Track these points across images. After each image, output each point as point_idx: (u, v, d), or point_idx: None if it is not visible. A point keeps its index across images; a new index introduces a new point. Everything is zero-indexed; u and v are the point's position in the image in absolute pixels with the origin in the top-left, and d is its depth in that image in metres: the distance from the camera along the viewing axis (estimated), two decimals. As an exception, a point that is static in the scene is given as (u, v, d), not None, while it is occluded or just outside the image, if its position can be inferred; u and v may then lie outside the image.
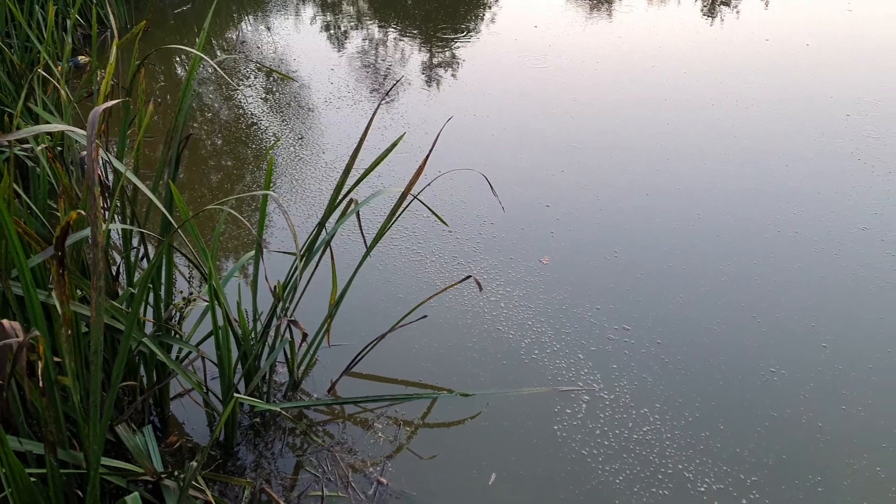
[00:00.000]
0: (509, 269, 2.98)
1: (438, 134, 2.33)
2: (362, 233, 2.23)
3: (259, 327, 2.15)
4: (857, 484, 2.10)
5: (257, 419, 2.19)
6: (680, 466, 2.14)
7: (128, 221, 2.11)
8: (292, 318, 1.95)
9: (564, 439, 2.21)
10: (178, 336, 2.06)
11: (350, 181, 2.17)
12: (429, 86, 4.87)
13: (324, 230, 2.17)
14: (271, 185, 3.52)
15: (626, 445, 2.20)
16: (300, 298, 2.26)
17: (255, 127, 4.12)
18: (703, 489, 2.06)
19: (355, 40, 5.75)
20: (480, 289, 2.46)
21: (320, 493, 1.97)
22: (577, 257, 3.10)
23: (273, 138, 3.96)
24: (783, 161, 3.97)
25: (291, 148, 3.88)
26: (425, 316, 2.46)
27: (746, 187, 3.70)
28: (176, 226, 1.66)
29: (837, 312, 2.82)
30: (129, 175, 1.66)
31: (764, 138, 4.24)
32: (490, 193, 3.32)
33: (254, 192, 1.97)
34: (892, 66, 5.56)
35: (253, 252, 2.27)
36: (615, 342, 2.62)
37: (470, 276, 2.47)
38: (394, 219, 2.21)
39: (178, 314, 2.12)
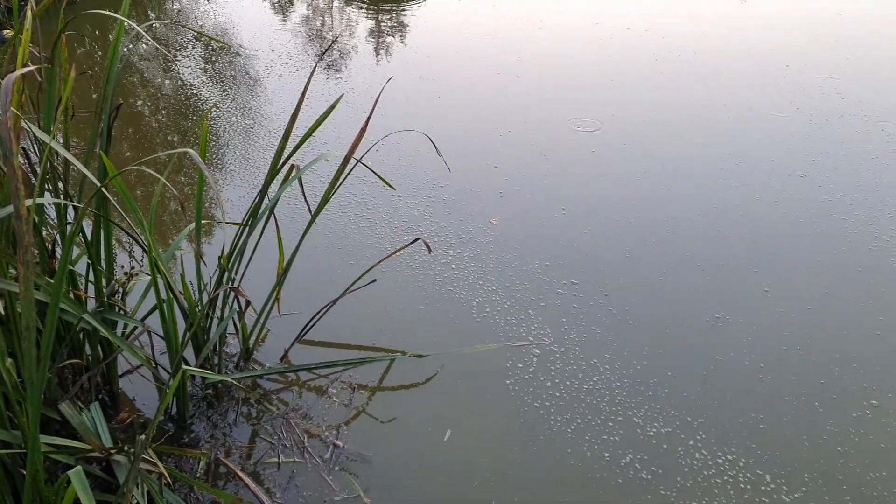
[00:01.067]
0: (459, 230, 2.99)
1: (379, 94, 2.30)
2: (305, 199, 2.20)
3: (206, 299, 2.12)
4: (797, 419, 2.19)
5: (210, 391, 2.17)
6: (629, 413, 2.20)
7: (61, 196, 2.03)
8: (234, 286, 1.92)
9: (517, 393, 2.25)
10: (121, 311, 2.01)
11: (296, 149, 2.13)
12: (376, 52, 4.79)
13: (266, 197, 2.13)
14: (208, 155, 3.44)
15: (576, 396, 2.25)
16: (246, 268, 2.23)
17: (196, 98, 4.00)
18: (651, 433, 2.13)
19: (299, 9, 5.60)
20: (430, 250, 2.46)
21: (276, 460, 1.97)
22: (525, 216, 3.12)
23: (213, 109, 3.84)
24: (725, 114, 4.05)
25: (234, 118, 3.78)
26: (375, 280, 2.46)
27: (691, 141, 3.77)
28: (102, 188, 1.61)
29: (778, 258, 2.91)
30: (54, 145, 1.59)
31: (707, 94, 4.31)
32: (439, 157, 3.31)
33: (174, 151, 1.91)
34: (826, 17, 5.68)
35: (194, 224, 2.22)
36: (564, 296, 2.66)
37: (419, 239, 2.47)
38: (338, 184, 2.18)
39: (121, 290, 2.07)
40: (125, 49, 4.61)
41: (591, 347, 2.44)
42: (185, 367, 1.84)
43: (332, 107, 2.08)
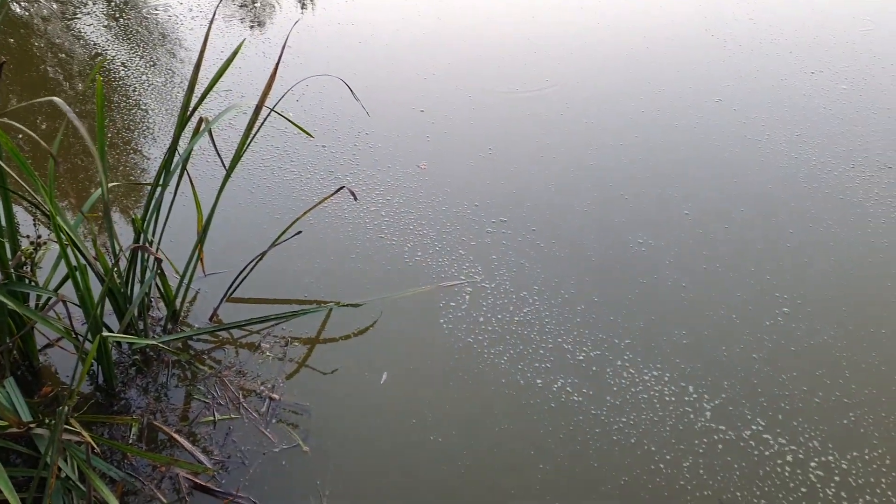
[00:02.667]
0: (388, 177, 2.94)
1: (287, 37, 2.19)
2: (217, 152, 2.10)
3: (123, 264, 2.02)
4: (716, 333, 2.28)
5: (137, 357, 2.10)
6: (559, 340, 2.25)
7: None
8: (141, 245, 1.84)
9: (451, 330, 2.26)
10: (32, 283, 1.90)
11: (213, 104, 2.01)
12: (297, 1, 4.57)
13: (177, 153, 2.03)
14: (120, 115, 3.25)
15: (508, 328, 2.28)
16: (164, 229, 2.14)
17: (101, 58, 3.75)
18: (581, 357, 2.19)
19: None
20: (355, 198, 2.41)
21: (212, 419, 1.93)
22: (453, 158, 3.08)
23: (122, 68, 3.61)
24: (644, 44, 4.06)
25: (145, 76, 3.57)
26: (300, 232, 2.40)
27: (611, 75, 3.77)
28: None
29: (697, 180, 2.98)
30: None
31: (626, 27, 4.31)
32: (363, 104, 3.21)
33: (38, 100, 1.79)
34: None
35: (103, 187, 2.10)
36: (493, 234, 2.66)
37: (343, 187, 2.41)
38: (252, 135, 2.09)
39: (28, 261, 1.95)
40: (20, 9, 4.27)
41: (520, 281, 2.46)
42: (104, 333, 1.77)
43: (234, 54, 1.97)
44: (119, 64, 3.66)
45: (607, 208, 2.82)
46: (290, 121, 2.27)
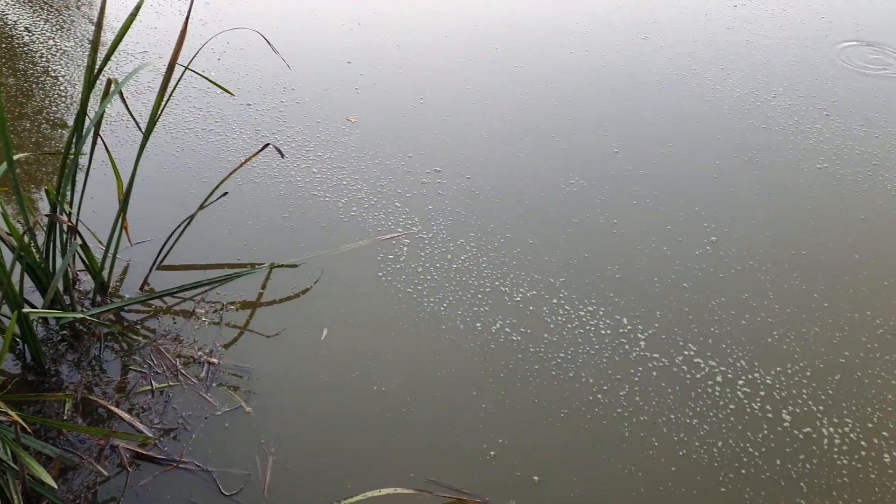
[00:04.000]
0: (317, 132, 2.86)
1: (194, -8, 2.08)
2: (131, 114, 2.01)
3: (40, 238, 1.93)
4: (648, 265, 2.34)
5: (66, 331, 2.03)
6: (497, 283, 2.27)
7: None
8: (54, 214, 1.75)
9: (390, 283, 2.25)
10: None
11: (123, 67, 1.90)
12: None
13: (87, 118, 1.92)
14: (24, 83, 3.06)
15: (447, 276, 2.28)
16: (81, 199, 2.04)
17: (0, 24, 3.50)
18: (518, 298, 2.22)
19: None
20: (282, 155, 2.34)
21: (150, 388, 1.90)
22: (384, 110, 3.02)
23: (26, 33, 3.38)
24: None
25: (51, 41, 3.35)
26: (226, 193, 2.32)
27: (540, 19, 3.73)
28: None
29: (625, 118, 3.01)
30: None
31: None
32: (287, 60, 3.10)
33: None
34: None
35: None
36: (429, 185, 2.64)
37: (269, 145, 2.34)
38: (168, 95, 1.99)
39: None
40: None
41: (457, 229, 2.46)
42: (24, 310, 1.70)
43: (137, 8, 1.86)
44: (22, 29, 3.42)
45: (540, 151, 2.82)
46: (207, 79, 2.18)
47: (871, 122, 2.99)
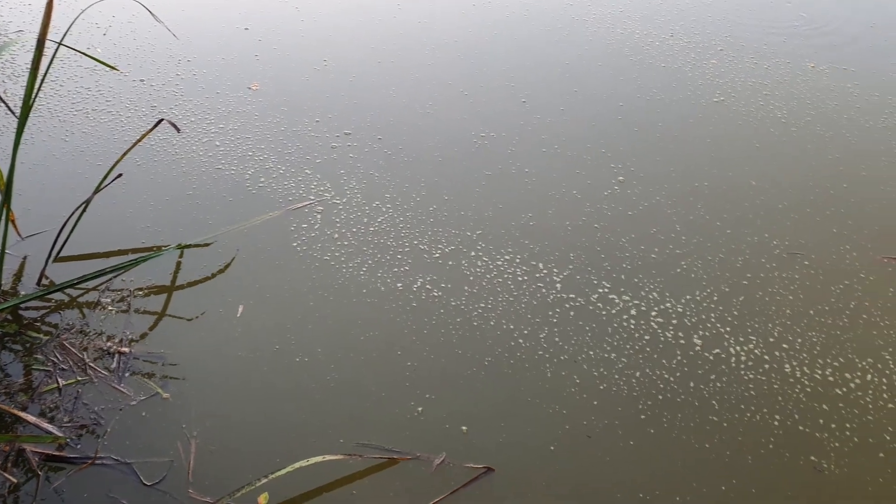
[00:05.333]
0: (218, 103, 2.70)
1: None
2: (2, 99, 1.82)
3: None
4: (560, 210, 2.33)
5: (-42, 338, 1.86)
6: (415, 242, 2.22)
7: None
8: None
9: (305, 252, 2.17)
10: None
11: None
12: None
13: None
14: None
15: (364, 239, 2.22)
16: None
17: None
18: (437, 255, 2.18)
19: None
20: (178, 130, 2.19)
21: (56, 385, 1.77)
22: (286, 75, 2.88)
23: None
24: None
25: (-86, 26, 3.02)
26: (120, 175, 2.16)
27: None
28: None
29: (530, 68, 2.97)
30: None
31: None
32: (181, 30, 2.89)
33: None
34: None
35: None
36: (339, 149, 2.54)
37: (163, 120, 2.18)
38: (42, 75, 1.82)
39: None
40: None
41: (371, 192, 2.38)
42: None
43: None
44: None
45: (450, 107, 2.76)
46: (85, 54, 2.00)
47: (761, 55, 3.06)
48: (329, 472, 1.63)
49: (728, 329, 1.96)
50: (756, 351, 1.91)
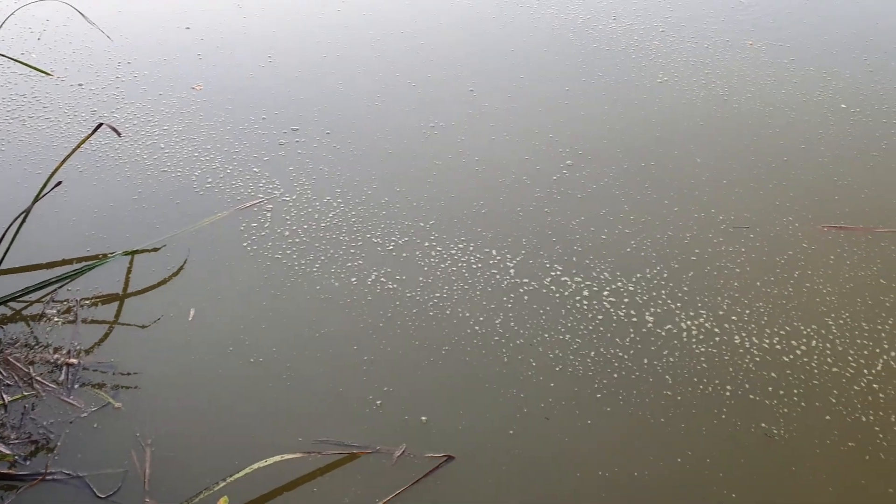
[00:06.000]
0: (160, 105, 2.62)
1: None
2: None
3: None
4: (511, 196, 2.32)
5: None
6: (368, 235, 2.19)
7: None
8: None
9: (256, 251, 2.12)
10: None
11: None
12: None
13: None
14: None
15: (316, 235, 2.18)
16: None
17: None
18: (391, 247, 2.16)
19: None
20: (119, 135, 2.11)
21: (1, 402, 1.71)
22: (230, 73, 2.81)
23: None
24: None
25: None
26: (60, 182, 2.08)
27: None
28: None
29: (477, 57, 2.95)
30: None
31: None
32: (119, 32, 2.80)
33: None
34: None
35: None
36: (287, 146, 2.50)
37: (102, 125, 2.11)
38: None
39: None
40: None
41: (322, 187, 2.35)
42: None
43: None
44: None
45: (398, 99, 2.73)
46: (15, 60, 1.91)
47: (701, 35, 3.10)
48: (289, 472, 1.61)
49: (678, 304, 1.99)
50: (706, 324, 1.94)
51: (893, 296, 2.00)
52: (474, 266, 2.10)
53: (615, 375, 1.82)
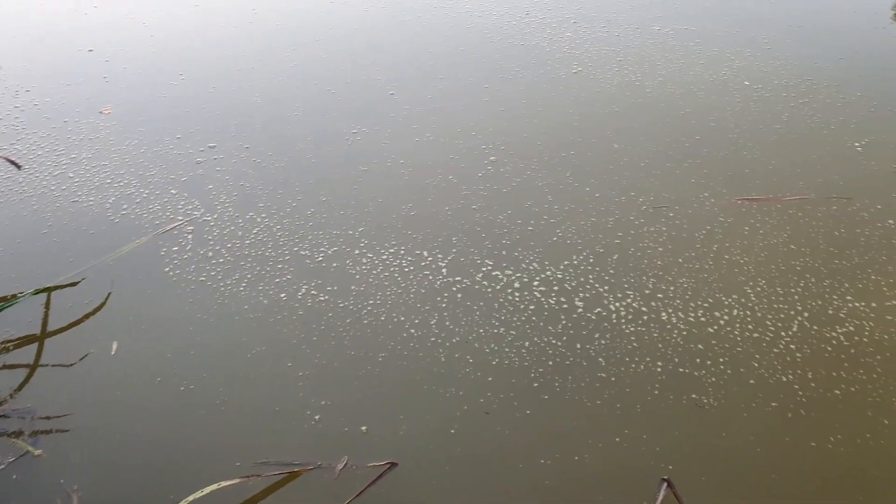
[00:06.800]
0: (67, 133, 2.50)
1: None
2: None
3: None
4: (438, 197, 2.32)
5: None
6: (296, 249, 2.15)
7: None
8: None
9: (180, 276, 2.05)
10: None
11: None
12: None
13: None
14: None
15: (241, 254, 2.13)
16: None
17: None
18: (320, 259, 2.12)
19: None
20: (19, 168, 2.02)
21: None
22: (140, 94, 2.71)
23: None
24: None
25: None
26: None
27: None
28: None
29: (396, 59, 2.94)
30: None
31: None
32: (15, 59, 2.66)
33: None
34: None
35: None
36: (205, 164, 2.42)
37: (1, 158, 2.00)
38: None
39: None
40: None
41: (244, 203, 2.29)
42: None
43: None
44: None
45: (317, 108, 2.69)
46: None
47: (612, 23, 3.18)
48: (230, 498, 1.56)
49: (606, 287, 2.03)
50: (634, 304, 1.99)
51: (803, 259, 2.10)
52: (406, 269, 2.09)
53: (550, 363, 1.85)
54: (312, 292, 2.02)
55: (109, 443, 1.66)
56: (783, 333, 1.91)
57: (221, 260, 2.10)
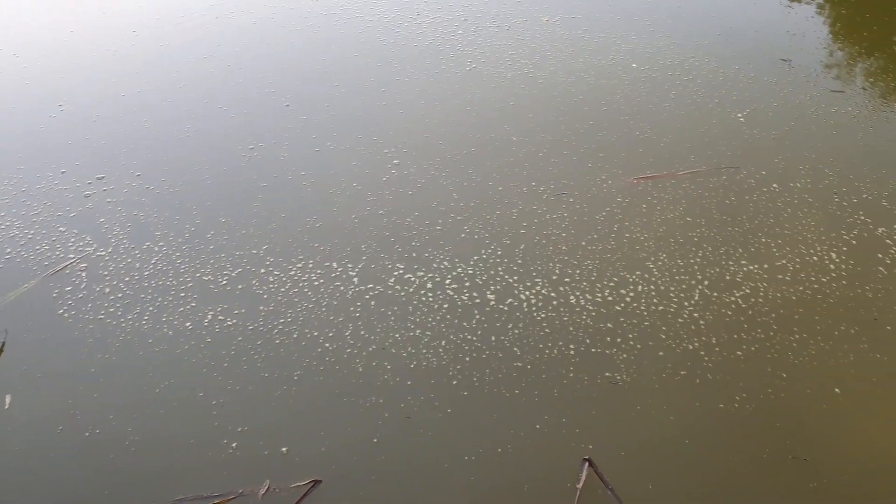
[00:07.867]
0: (-64, 178, 2.34)
1: None
2: None
3: None
4: (344, 205, 2.30)
5: None
6: (198, 274, 2.08)
7: None
8: None
9: (76, 317, 1.95)
10: None
11: None
12: None
13: None
14: None
15: (140, 286, 2.04)
16: None
17: None
18: (224, 282, 2.06)
19: None
20: None
21: None
22: (16, 130, 2.56)
23: None
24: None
25: None
26: None
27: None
28: None
29: (288, 71, 2.89)
30: None
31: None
32: None
33: None
34: None
35: None
36: (94, 196, 2.31)
37: None
38: None
39: None
40: None
41: (139, 233, 2.20)
42: None
43: None
44: None
45: (209, 126, 2.62)
46: None
47: (502, 18, 3.24)
48: (147, 543, 1.50)
49: (515, 278, 2.08)
50: (543, 291, 2.04)
51: (699, 230, 2.21)
52: (316, 283, 2.06)
53: (467, 359, 1.87)
54: (219, 317, 1.96)
55: (6, 501, 1.56)
56: (686, 303, 2.00)
57: (120, 295, 2.01)
